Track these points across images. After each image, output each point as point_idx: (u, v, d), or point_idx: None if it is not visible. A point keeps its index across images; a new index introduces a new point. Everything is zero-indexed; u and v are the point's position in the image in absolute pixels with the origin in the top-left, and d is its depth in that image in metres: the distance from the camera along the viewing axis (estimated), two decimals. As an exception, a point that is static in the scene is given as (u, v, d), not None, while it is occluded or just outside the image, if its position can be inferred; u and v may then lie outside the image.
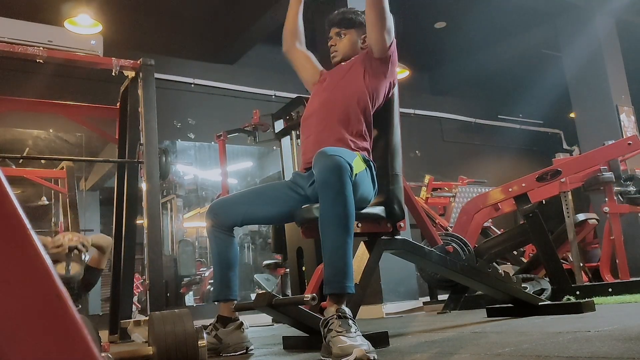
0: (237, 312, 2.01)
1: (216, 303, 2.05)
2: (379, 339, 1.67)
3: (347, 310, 1.55)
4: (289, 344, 1.96)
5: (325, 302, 1.63)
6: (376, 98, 2.01)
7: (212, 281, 6.64)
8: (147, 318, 2.70)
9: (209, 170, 7.58)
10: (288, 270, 4.53)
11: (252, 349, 2.02)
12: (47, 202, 5.93)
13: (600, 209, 3.89)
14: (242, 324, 2.00)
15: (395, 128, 2.06)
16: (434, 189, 5.74)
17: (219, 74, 6.84)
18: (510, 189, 3.37)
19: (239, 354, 1.95)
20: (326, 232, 1.62)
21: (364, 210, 1.88)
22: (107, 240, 3.36)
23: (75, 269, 3.10)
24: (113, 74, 3.29)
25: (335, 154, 1.64)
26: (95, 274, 3.22)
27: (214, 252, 2.03)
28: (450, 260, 2.13)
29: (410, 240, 2.09)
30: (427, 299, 4.31)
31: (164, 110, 4.14)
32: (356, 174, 1.72)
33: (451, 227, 4.56)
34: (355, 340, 1.43)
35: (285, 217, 2.02)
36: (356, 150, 1.90)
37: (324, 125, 1.99)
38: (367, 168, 1.87)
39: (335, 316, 1.52)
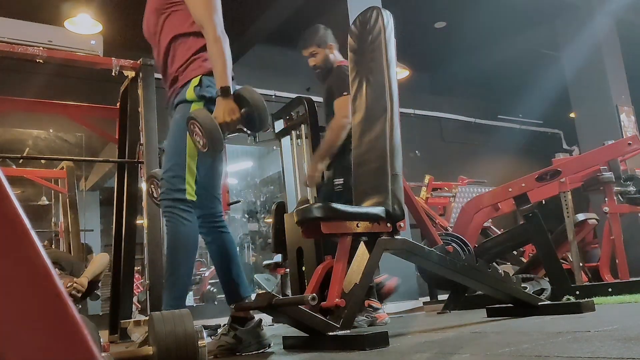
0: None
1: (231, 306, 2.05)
2: (379, 339, 1.67)
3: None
4: (289, 344, 1.96)
5: (325, 302, 1.63)
6: None
7: (212, 281, 6.64)
8: (147, 318, 2.71)
9: (208, 170, 7.56)
10: (288, 270, 4.53)
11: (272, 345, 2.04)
12: (47, 202, 5.93)
13: (600, 209, 3.88)
14: (261, 321, 2.01)
15: (395, 128, 2.06)
16: (434, 189, 5.73)
17: (219, 74, 6.82)
18: (510, 189, 3.37)
19: (260, 352, 1.96)
20: None
21: (364, 210, 1.88)
22: (104, 263, 3.43)
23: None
24: (113, 74, 3.29)
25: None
26: (95, 283, 3.27)
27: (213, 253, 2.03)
28: (450, 260, 2.12)
29: (410, 240, 2.09)
30: (427, 299, 4.30)
31: (164, 110, 4.12)
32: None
33: (451, 227, 4.56)
34: None
35: None
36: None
37: None
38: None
39: None
